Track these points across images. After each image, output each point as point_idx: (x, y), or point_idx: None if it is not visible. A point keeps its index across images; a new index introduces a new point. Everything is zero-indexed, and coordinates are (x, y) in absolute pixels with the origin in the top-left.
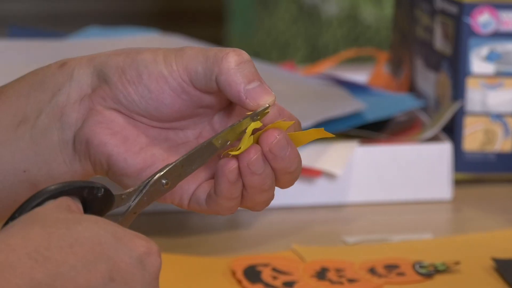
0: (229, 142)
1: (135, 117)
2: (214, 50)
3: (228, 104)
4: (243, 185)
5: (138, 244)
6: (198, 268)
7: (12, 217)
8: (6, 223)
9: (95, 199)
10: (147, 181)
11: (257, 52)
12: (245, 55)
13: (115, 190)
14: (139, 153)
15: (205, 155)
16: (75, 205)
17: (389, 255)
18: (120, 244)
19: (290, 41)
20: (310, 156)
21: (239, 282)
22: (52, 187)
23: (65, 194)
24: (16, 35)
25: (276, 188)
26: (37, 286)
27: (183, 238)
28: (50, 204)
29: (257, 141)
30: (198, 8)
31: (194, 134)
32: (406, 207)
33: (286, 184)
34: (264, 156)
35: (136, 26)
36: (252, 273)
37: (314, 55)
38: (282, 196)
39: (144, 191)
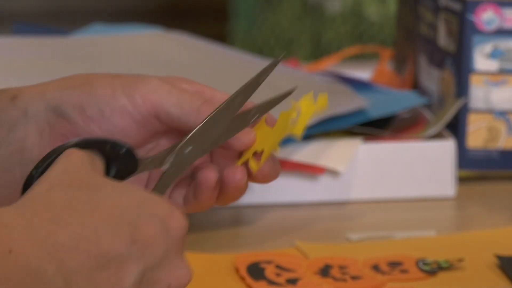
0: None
1: None
2: (186, 95)
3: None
4: (222, 192)
5: (162, 207)
6: (202, 265)
7: (33, 172)
8: (28, 177)
9: (117, 157)
10: (172, 147)
11: (261, 49)
12: (216, 105)
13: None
14: None
15: (227, 117)
16: (97, 161)
17: (393, 252)
18: (142, 209)
19: (294, 38)
20: (313, 153)
21: (243, 279)
22: (74, 141)
23: (88, 148)
24: (19, 32)
25: (280, 185)
26: (61, 248)
27: (187, 235)
28: (73, 157)
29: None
30: (202, 5)
31: (153, 145)
32: (409, 204)
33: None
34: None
35: (140, 23)
36: (255, 270)
37: (317, 52)
38: (285, 193)
39: (170, 160)
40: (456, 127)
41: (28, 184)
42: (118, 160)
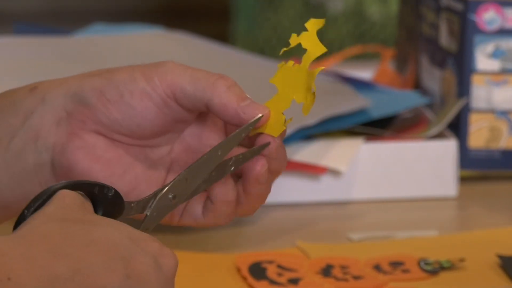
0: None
1: (115, 137)
2: (201, 72)
3: (195, 121)
4: (246, 194)
5: (153, 245)
6: (203, 265)
7: (25, 212)
8: (20, 216)
9: (105, 199)
10: (155, 193)
11: (262, 49)
12: (231, 80)
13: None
14: (124, 176)
15: (208, 167)
16: (87, 203)
17: (394, 252)
18: (136, 245)
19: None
20: (315, 153)
21: (244, 279)
22: (62, 184)
23: (77, 189)
24: (20, 32)
25: (282, 185)
26: (56, 279)
27: (188, 235)
28: (65, 198)
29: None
30: (203, 5)
31: (167, 150)
32: (411, 204)
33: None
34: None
35: (141, 23)
36: (257, 270)
37: None
38: (287, 193)
39: (152, 205)
40: (457, 127)
41: (20, 222)
42: (105, 203)
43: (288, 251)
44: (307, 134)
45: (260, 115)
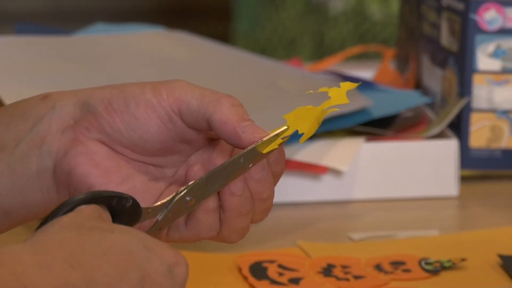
0: (250, 165)
1: (118, 149)
2: (209, 90)
3: (203, 147)
4: (222, 208)
5: (168, 254)
6: (205, 265)
7: (44, 223)
8: (39, 227)
9: (123, 209)
10: (172, 197)
11: (264, 49)
12: (237, 100)
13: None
14: (121, 185)
15: (228, 173)
16: (105, 214)
17: (395, 251)
18: (151, 254)
19: (297, 38)
20: (316, 152)
21: (245, 278)
22: (83, 195)
23: (95, 203)
24: (22, 32)
25: (283, 185)
26: None
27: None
28: (83, 210)
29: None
30: (204, 5)
31: (171, 173)
32: (412, 204)
33: (259, 215)
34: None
35: (142, 23)
36: (258, 270)
37: (320, 52)
38: (288, 193)
39: (169, 207)
40: (458, 127)
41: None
42: (123, 213)
43: (289, 250)
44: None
45: (285, 127)
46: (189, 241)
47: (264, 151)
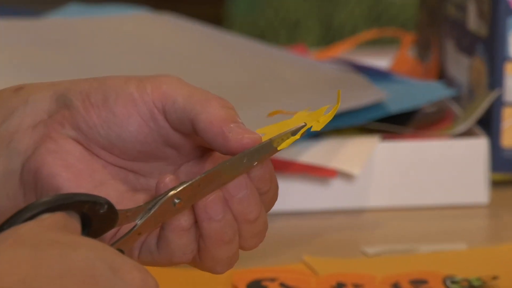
0: (255, 163)
1: (94, 150)
2: (199, 89)
3: (194, 157)
4: (200, 234)
5: (136, 277)
6: (197, 283)
7: (0, 229)
8: None
9: (96, 216)
10: (158, 198)
11: (263, 34)
12: (229, 102)
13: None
14: (91, 192)
15: (225, 176)
16: (73, 224)
17: (416, 268)
18: (116, 278)
19: (301, 21)
20: (324, 153)
21: None
22: (49, 198)
23: (63, 208)
24: None
25: (286, 191)
26: None
27: None
28: (46, 220)
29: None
30: None
31: (155, 183)
32: (435, 213)
33: (249, 240)
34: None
35: (123, 3)
36: None
37: (328, 37)
38: (292, 201)
39: (153, 210)
40: (488, 123)
41: None
42: (96, 220)
43: (293, 267)
44: (315, 132)
45: (303, 123)
46: (162, 265)
47: (279, 148)
